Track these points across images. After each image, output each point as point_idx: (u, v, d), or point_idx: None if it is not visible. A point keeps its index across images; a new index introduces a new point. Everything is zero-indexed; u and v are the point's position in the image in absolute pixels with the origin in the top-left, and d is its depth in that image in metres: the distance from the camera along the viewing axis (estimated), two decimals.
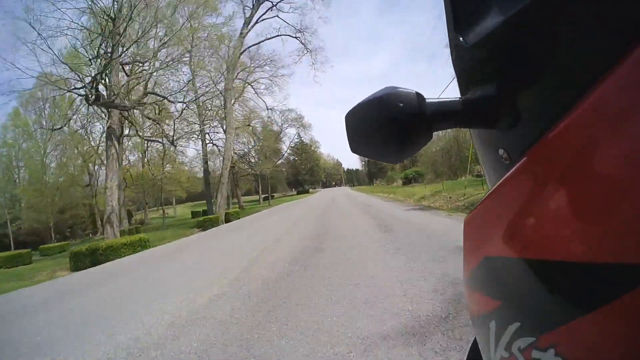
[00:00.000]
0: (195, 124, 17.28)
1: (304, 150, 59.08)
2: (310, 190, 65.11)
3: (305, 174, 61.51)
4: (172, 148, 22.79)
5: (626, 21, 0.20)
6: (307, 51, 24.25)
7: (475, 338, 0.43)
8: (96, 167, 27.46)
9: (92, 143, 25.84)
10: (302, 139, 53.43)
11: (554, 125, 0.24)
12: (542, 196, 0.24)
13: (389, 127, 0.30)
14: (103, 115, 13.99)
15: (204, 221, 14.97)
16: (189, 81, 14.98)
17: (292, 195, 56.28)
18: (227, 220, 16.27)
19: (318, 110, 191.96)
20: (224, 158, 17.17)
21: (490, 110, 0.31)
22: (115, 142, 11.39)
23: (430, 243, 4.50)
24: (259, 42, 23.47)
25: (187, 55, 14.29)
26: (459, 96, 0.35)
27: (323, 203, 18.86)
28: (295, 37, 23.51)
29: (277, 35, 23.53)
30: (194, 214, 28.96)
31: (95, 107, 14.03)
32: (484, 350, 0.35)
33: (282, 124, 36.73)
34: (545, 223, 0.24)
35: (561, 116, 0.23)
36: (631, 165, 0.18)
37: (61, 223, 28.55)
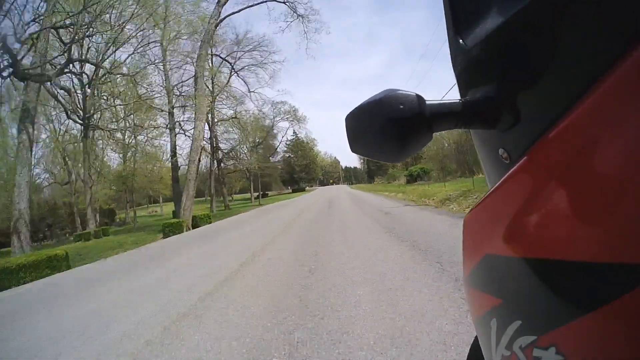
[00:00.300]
0: (160, 109, 14.42)
1: (300, 147, 56.11)
2: (307, 188, 62.34)
3: (300, 171, 58.51)
4: (145, 142, 20.01)
5: (626, 21, 0.20)
6: (297, 17, 21.26)
7: (476, 337, 0.42)
8: (79, 164, 24.83)
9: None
10: (297, 134, 50.65)
11: (554, 125, 0.24)
12: (542, 196, 0.24)
13: (389, 129, 0.30)
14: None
15: (165, 227, 12.15)
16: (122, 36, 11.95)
17: (287, 193, 53.50)
18: (195, 226, 13.46)
19: (319, 111, 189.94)
20: (191, 150, 14.17)
21: (490, 111, 0.31)
22: (29, 126, 8.52)
23: None
24: (240, 10, 20.36)
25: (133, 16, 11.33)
26: (459, 97, 0.35)
27: (319, 204, 16.13)
28: (284, 2, 20.61)
29: (263, 2, 20.60)
30: (175, 214, 26.22)
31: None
32: (485, 348, 0.34)
33: (274, 117, 33.86)
34: (545, 222, 0.24)
35: (561, 116, 0.23)
36: (631, 165, 0.18)
37: (38, 222, 25.81)
